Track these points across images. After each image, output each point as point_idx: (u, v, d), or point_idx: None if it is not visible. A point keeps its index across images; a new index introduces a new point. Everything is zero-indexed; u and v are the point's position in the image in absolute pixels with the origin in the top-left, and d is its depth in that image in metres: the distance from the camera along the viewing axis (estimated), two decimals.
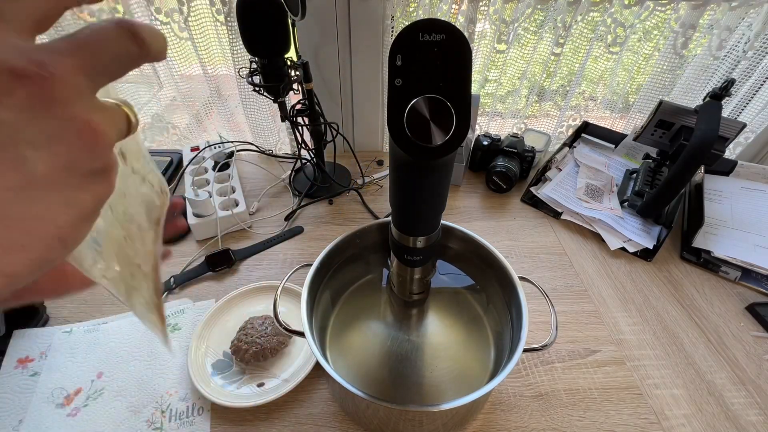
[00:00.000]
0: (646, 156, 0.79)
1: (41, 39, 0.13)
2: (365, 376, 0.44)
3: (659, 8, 0.73)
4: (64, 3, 0.13)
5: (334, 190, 0.78)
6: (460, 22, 0.75)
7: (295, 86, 0.65)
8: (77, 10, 0.56)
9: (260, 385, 0.48)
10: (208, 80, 0.81)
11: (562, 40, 0.77)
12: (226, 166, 0.77)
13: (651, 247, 0.68)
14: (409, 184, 0.34)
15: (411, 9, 0.74)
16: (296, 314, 0.42)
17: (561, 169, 0.82)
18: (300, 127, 0.70)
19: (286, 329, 0.41)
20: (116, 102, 0.15)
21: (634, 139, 0.75)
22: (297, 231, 0.71)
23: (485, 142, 0.80)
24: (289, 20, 0.57)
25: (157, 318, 0.20)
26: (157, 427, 0.44)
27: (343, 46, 0.76)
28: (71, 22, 0.71)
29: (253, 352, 0.49)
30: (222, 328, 0.54)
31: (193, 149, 0.82)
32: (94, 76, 0.13)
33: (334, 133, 0.74)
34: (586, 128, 0.89)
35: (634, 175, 0.79)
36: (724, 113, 0.62)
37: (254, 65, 0.61)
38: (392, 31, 0.75)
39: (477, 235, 0.48)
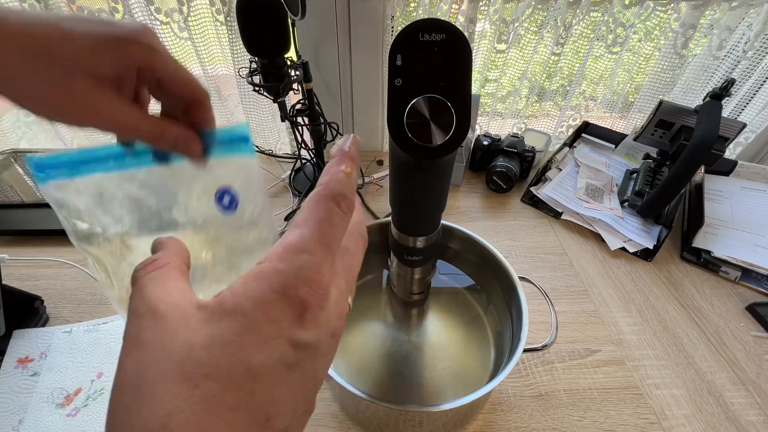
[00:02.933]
0: (646, 156, 0.79)
1: None
2: (365, 376, 0.44)
3: (659, 8, 0.73)
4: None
5: None
6: (460, 22, 0.75)
7: (295, 86, 0.65)
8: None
9: None
10: (208, 80, 0.81)
11: (562, 40, 0.77)
12: None
13: (651, 247, 0.68)
14: (409, 184, 0.34)
15: (411, 9, 0.74)
16: None
17: (561, 169, 0.82)
18: (300, 127, 0.70)
19: None
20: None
21: (634, 139, 0.75)
22: None
23: (485, 142, 0.80)
24: (289, 20, 0.57)
25: None
26: None
27: (343, 46, 0.75)
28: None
29: None
30: None
31: None
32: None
33: (334, 133, 0.74)
34: (586, 128, 0.89)
35: (634, 175, 0.79)
36: (724, 113, 0.62)
37: (254, 65, 0.61)
38: (392, 31, 0.75)
39: (477, 235, 0.48)
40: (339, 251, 0.18)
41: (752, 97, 0.82)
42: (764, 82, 0.79)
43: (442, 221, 0.41)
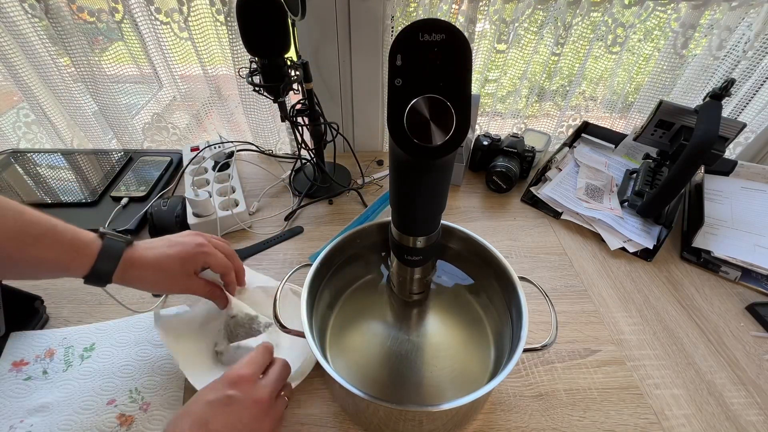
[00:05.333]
0: (646, 156, 0.79)
1: None
2: (365, 376, 0.44)
3: (659, 8, 0.73)
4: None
5: (334, 190, 0.78)
6: (460, 22, 0.75)
7: (295, 86, 0.65)
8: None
9: None
10: (208, 80, 0.81)
11: (562, 40, 0.77)
12: (226, 166, 0.77)
13: (651, 247, 0.68)
14: (409, 184, 0.34)
15: (411, 9, 0.74)
16: (296, 314, 0.42)
17: (561, 169, 0.82)
18: (300, 127, 0.70)
19: (286, 330, 0.41)
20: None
21: (634, 139, 0.75)
22: (297, 231, 0.71)
23: (485, 142, 0.80)
24: (289, 20, 0.57)
25: None
26: None
27: (343, 46, 0.76)
28: (71, 21, 0.71)
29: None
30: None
31: (193, 149, 0.82)
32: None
33: (334, 133, 0.74)
34: (586, 128, 0.89)
35: (634, 175, 0.79)
36: (724, 113, 0.62)
37: (254, 65, 0.61)
38: (392, 31, 0.75)
39: (477, 235, 0.48)
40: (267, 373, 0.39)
41: (752, 97, 0.82)
42: (764, 82, 0.79)
43: (442, 221, 0.41)
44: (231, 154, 0.81)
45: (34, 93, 0.80)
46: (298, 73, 0.64)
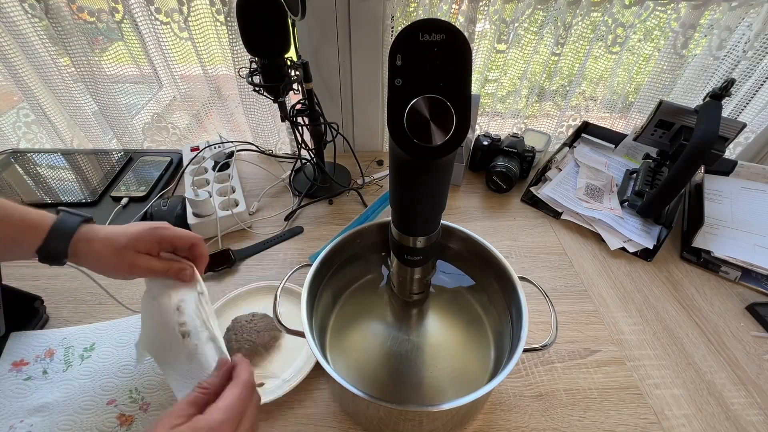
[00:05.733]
0: (646, 156, 0.79)
1: None
2: (365, 376, 0.44)
3: (659, 8, 0.73)
4: None
5: (334, 190, 0.78)
6: (460, 22, 0.75)
7: (295, 86, 0.65)
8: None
9: (260, 385, 0.48)
10: (208, 80, 0.81)
11: (562, 40, 0.77)
12: (226, 166, 0.77)
13: (651, 247, 0.68)
14: (409, 184, 0.34)
15: (411, 9, 0.74)
16: (296, 314, 0.42)
17: (561, 169, 0.82)
18: (300, 127, 0.70)
19: (286, 329, 0.41)
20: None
21: (634, 139, 0.75)
22: (297, 231, 0.71)
23: (485, 142, 0.80)
24: (289, 20, 0.57)
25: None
26: None
27: (343, 46, 0.76)
28: (71, 21, 0.71)
29: (246, 350, 0.49)
30: (222, 328, 0.54)
31: (193, 149, 0.82)
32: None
33: (334, 133, 0.74)
34: (586, 128, 0.89)
35: (634, 175, 0.79)
36: (724, 113, 0.62)
37: (254, 65, 0.61)
38: (392, 31, 0.75)
39: (477, 235, 0.48)
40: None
41: (752, 97, 0.82)
42: (764, 82, 0.79)
43: (442, 221, 0.41)
44: (231, 154, 0.81)
45: (34, 93, 0.80)
46: (298, 73, 0.64)
